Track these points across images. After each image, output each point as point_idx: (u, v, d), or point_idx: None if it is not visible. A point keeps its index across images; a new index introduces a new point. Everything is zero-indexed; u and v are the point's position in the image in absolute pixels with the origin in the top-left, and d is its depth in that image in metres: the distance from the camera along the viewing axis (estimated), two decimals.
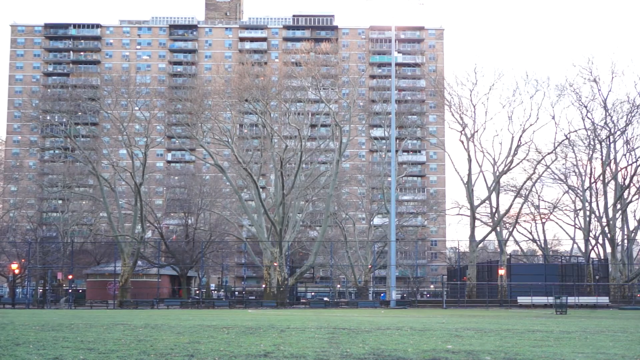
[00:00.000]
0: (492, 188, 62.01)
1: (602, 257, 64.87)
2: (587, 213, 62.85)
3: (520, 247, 79.43)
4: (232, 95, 63.35)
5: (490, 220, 64.13)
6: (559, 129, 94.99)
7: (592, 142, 62.58)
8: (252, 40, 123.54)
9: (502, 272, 58.83)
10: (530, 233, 74.55)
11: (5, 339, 7.30)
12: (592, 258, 65.38)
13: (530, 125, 61.43)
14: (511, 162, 61.44)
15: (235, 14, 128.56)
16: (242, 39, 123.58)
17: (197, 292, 72.80)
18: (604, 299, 52.94)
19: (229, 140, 58.79)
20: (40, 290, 72.56)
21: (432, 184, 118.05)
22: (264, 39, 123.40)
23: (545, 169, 63.65)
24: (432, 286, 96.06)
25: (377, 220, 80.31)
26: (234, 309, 48.37)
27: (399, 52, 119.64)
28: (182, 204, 79.02)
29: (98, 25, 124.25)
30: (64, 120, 72.89)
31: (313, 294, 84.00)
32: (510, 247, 77.18)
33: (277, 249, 56.52)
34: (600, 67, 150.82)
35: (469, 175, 61.93)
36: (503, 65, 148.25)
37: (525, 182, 63.68)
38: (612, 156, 61.37)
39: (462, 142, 62.19)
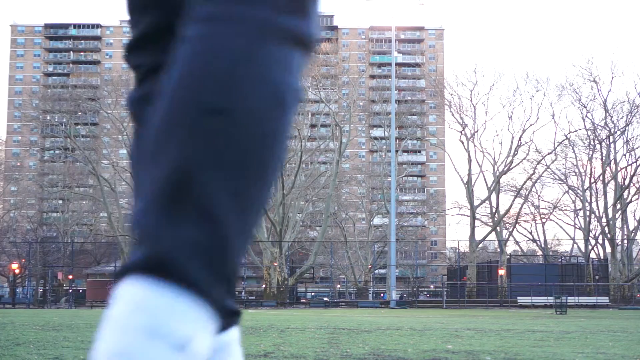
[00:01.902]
0: (492, 188, 62.05)
1: (602, 257, 64.91)
2: (587, 213, 62.90)
3: (520, 247, 79.46)
4: None
5: (490, 220, 64.18)
6: (559, 129, 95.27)
7: (592, 142, 62.70)
8: None
9: (502, 272, 58.86)
10: (530, 233, 74.67)
11: (5, 339, 7.30)
12: (592, 258, 65.42)
13: (530, 125, 61.67)
14: (511, 162, 61.55)
15: None
16: None
17: None
18: (604, 299, 52.94)
19: None
20: (41, 290, 72.60)
21: (432, 184, 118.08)
22: None
23: (545, 169, 63.76)
24: (432, 286, 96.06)
25: (377, 220, 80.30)
26: None
27: (399, 52, 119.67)
28: None
29: (98, 25, 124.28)
30: (64, 120, 72.92)
31: (313, 294, 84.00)
32: (510, 247, 77.20)
33: (277, 249, 56.57)
34: (600, 67, 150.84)
35: (469, 175, 61.98)
36: (503, 65, 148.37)
37: (525, 182, 63.76)
38: (612, 156, 61.44)
39: (462, 142, 62.30)
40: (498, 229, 62.28)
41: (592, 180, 63.87)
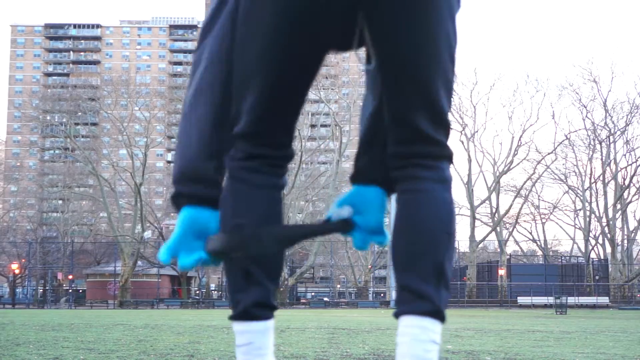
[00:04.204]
0: (492, 188, 62.03)
1: (602, 257, 64.86)
2: (587, 213, 62.86)
3: (520, 247, 79.41)
4: None
5: (490, 220, 64.15)
6: (559, 129, 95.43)
7: (592, 142, 62.67)
8: None
9: (502, 272, 58.84)
10: (530, 233, 74.56)
11: (5, 339, 7.30)
12: (592, 258, 65.37)
13: (531, 125, 61.84)
14: (511, 162, 61.52)
15: None
16: None
17: (197, 292, 72.80)
18: (604, 299, 52.92)
19: None
20: (41, 290, 72.60)
21: None
22: None
23: (545, 169, 63.73)
24: None
25: None
26: None
27: None
28: None
29: (98, 25, 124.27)
30: (64, 120, 72.90)
31: (313, 294, 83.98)
32: (510, 247, 77.14)
33: None
34: (600, 67, 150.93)
35: (469, 175, 61.95)
36: (503, 65, 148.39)
37: (525, 182, 63.73)
38: (612, 156, 61.43)
39: (462, 142, 62.25)
40: (498, 229, 62.25)
41: (592, 180, 63.86)
